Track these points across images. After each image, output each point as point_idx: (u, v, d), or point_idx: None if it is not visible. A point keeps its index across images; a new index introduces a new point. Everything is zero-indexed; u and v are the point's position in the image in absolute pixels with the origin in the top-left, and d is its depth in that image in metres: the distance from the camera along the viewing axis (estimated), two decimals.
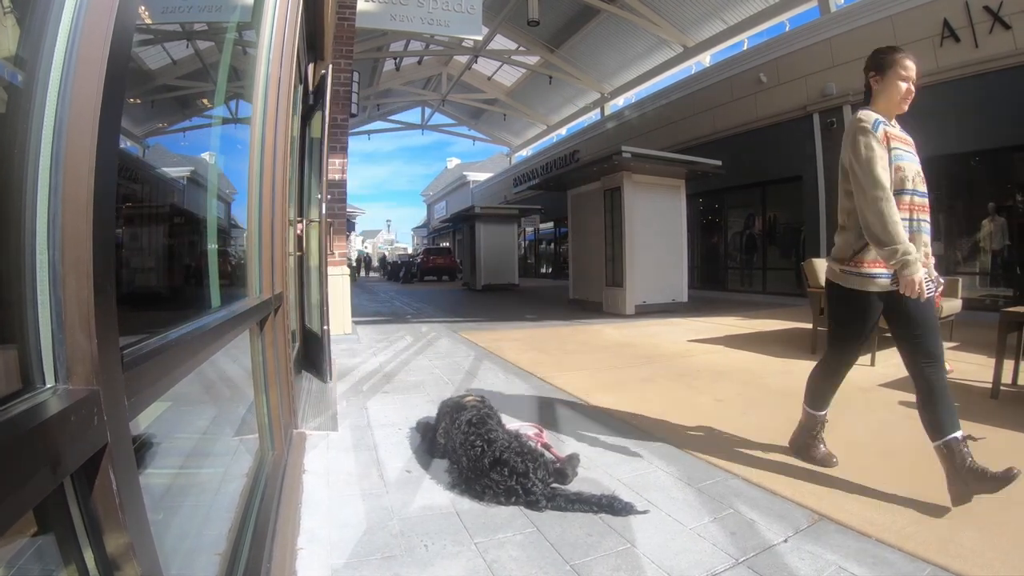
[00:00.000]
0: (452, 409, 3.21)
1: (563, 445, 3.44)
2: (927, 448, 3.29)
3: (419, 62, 28.83)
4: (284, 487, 2.50)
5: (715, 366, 5.91)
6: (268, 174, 2.84)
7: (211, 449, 2.64)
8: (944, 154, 11.30)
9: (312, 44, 6.24)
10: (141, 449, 1.80)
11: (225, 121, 3.11)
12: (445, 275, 31.98)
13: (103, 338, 0.81)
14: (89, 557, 0.83)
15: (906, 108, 2.92)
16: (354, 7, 7.40)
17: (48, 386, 0.77)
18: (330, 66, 5.44)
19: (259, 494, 2.30)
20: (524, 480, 2.58)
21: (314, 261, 6.39)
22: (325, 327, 4.87)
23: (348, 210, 25.94)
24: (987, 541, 2.24)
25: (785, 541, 2.27)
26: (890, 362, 5.87)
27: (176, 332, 1.33)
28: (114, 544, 0.84)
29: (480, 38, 10.63)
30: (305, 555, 2.17)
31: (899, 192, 2.78)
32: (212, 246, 2.59)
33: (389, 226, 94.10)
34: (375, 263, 53.00)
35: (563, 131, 30.82)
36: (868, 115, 2.82)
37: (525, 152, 35.99)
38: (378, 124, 34.54)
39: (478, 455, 2.70)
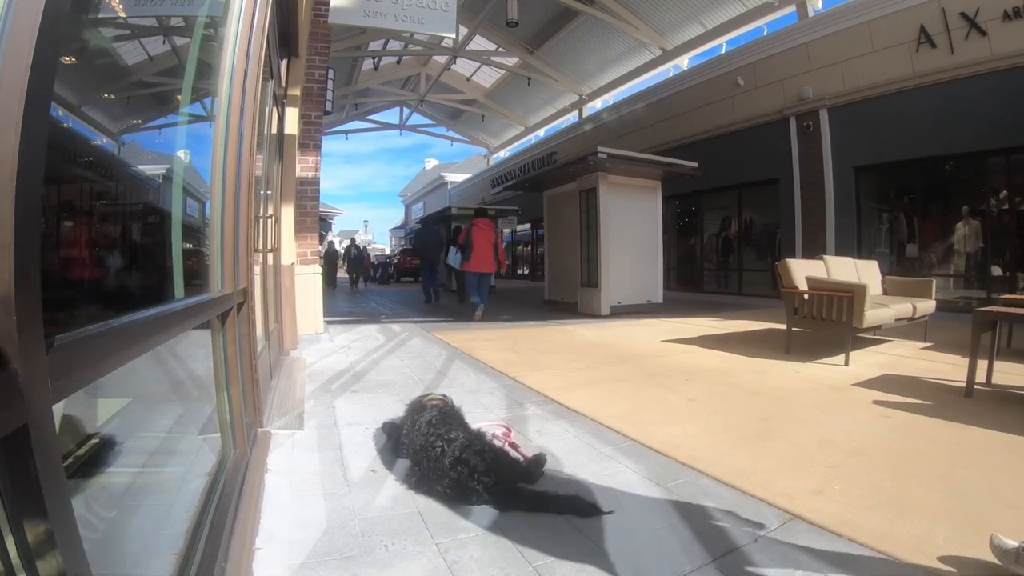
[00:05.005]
0: (414, 410, 3.17)
1: (532, 444, 3.41)
2: (900, 447, 3.33)
3: (398, 62, 28.69)
4: (245, 486, 2.45)
5: (688, 366, 5.93)
6: (232, 168, 2.78)
7: (172, 448, 2.58)
8: (919, 158, 11.52)
9: (285, 40, 6.17)
10: (102, 447, 1.76)
11: (198, 118, 3.06)
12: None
13: (24, 317, 0.77)
14: (10, 543, 0.79)
15: None
16: (328, 3, 7.31)
17: None
18: None
19: (218, 493, 2.25)
20: (485, 479, 2.54)
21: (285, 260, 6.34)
22: None
23: (324, 210, 25.72)
24: (962, 539, 2.24)
25: (755, 541, 2.26)
26: (863, 362, 5.94)
27: (119, 320, 1.28)
28: (35, 532, 0.81)
29: (454, 35, 10.57)
30: (263, 555, 2.12)
31: None
32: (174, 240, 2.54)
33: (367, 226, 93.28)
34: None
35: (541, 133, 30.82)
36: None
37: (503, 153, 35.96)
38: (356, 124, 34.26)
39: (438, 455, 2.67)
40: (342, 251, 30.22)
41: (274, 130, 5.90)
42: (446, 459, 2.64)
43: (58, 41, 0.90)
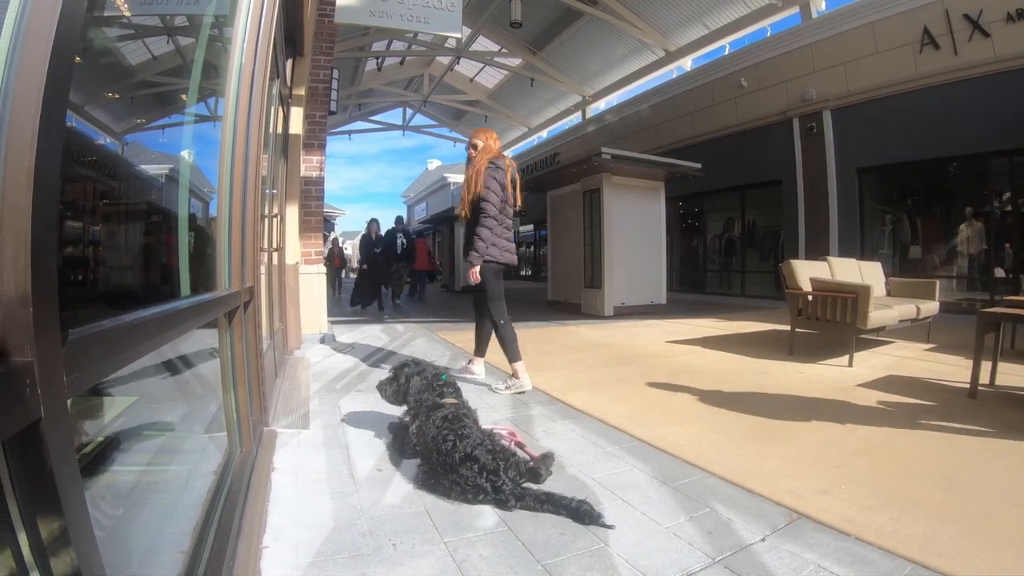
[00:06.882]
0: (428, 408, 3.16)
1: (538, 444, 3.41)
2: (905, 447, 3.32)
3: (401, 62, 28.66)
4: (251, 485, 2.45)
5: (693, 366, 5.92)
6: (239, 167, 2.78)
7: (179, 446, 2.58)
8: (922, 159, 11.49)
9: (291, 39, 6.17)
10: (109, 445, 1.76)
11: (203, 118, 3.06)
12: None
13: (40, 310, 0.77)
14: (23, 539, 0.79)
15: None
16: (333, 2, 7.30)
17: None
18: None
19: (224, 492, 2.25)
20: (494, 478, 2.54)
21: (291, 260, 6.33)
22: None
23: (327, 211, 25.69)
24: (967, 538, 2.24)
25: (762, 540, 2.25)
26: (867, 363, 5.93)
27: (131, 315, 1.28)
28: (49, 529, 0.80)
29: (460, 35, 10.56)
30: (270, 553, 2.12)
31: None
32: (181, 239, 2.54)
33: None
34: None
35: (544, 134, 30.75)
36: None
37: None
38: (359, 124, 34.19)
39: (449, 449, 2.67)
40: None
41: (279, 129, 5.90)
42: (457, 454, 2.64)
43: (75, 39, 0.90)
